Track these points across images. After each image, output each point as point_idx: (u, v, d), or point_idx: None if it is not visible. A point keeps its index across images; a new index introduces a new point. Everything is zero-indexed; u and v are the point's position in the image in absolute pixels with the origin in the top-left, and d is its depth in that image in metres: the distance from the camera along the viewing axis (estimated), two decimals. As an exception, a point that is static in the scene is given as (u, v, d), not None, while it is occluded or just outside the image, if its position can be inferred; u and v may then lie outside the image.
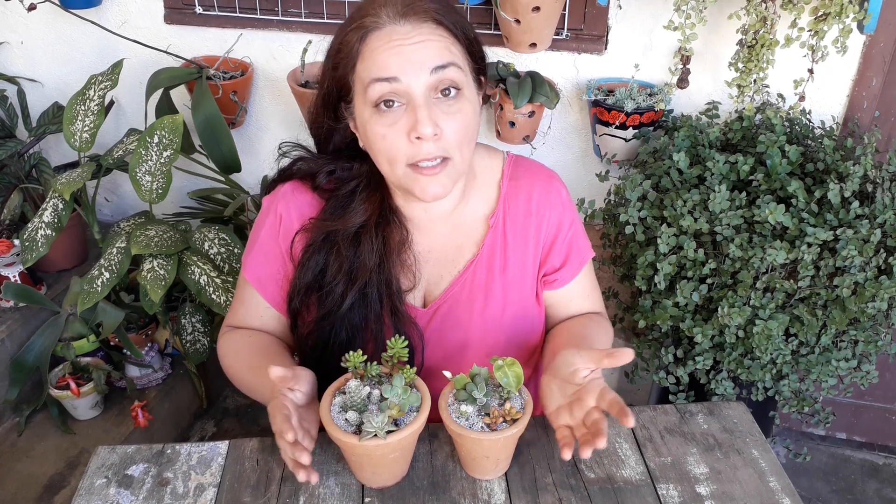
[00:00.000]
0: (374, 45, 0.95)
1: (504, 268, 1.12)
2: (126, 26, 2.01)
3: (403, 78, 0.93)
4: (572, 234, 1.15)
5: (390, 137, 0.96)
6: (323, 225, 1.07)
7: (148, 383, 2.04)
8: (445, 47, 0.96)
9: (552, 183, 1.14)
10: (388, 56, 0.94)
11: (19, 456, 1.85)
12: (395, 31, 0.94)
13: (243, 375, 1.09)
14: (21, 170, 2.08)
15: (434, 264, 1.12)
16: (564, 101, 1.86)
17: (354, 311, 1.06)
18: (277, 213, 1.10)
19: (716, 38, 1.69)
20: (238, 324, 1.16)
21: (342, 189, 1.09)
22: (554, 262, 1.14)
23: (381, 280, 1.06)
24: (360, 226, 1.06)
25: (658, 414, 1.10)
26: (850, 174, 1.44)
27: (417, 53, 0.94)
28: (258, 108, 2.07)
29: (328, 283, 1.06)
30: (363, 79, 0.96)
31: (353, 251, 1.06)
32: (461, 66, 0.97)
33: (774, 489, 0.97)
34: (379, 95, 0.94)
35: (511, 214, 1.12)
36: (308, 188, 1.11)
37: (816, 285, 1.40)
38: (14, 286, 1.84)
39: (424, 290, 1.12)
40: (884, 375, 1.84)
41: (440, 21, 0.96)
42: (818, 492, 2.09)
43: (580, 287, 1.18)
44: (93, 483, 0.98)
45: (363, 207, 1.07)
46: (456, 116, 0.96)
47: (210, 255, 1.77)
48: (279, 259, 1.10)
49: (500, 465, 0.97)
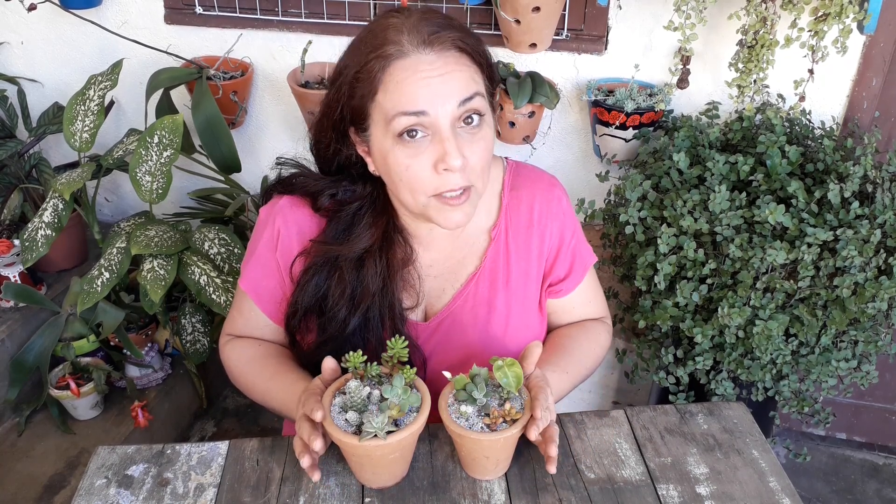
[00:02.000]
0: (399, 77, 0.91)
1: (507, 280, 1.11)
2: (126, 26, 2.01)
3: (431, 111, 0.91)
4: (575, 243, 1.15)
5: (414, 168, 0.93)
6: (325, 249, 1.05)
7: (148, 383, 2.04)
8: (470, 77, 0.94)
9: (553, 191, 1.13)
10: (414, 88, 0.91)
11: (19, 456, 1.84)
12: (420, 62, 0.91)
13: (259, 383, 1.09)
14: (21, 170, 2.08)
15: (436, 278, 1.11)
16: (564, 102, 1.86)
17: (356, 335, 1.05)
18: (275, 227, 1.08)
19: (716, 38, 1.69)
20: (238, 333, 1.16)
21: (344, 210, 1.06)
22: (559, 272, 1.14)
23: (385, 303, 1.04)
24: (365, 250, 1.04)
25: (658, 414, 1.10)
26: (850, 174, 1.44)
27: (445, 86, 0.91)
28: (258, 108, 2.07)
29: (330, 309, 1.04)
30: (386, 110, 0.93)
31: (355, 275, 1.04)
32: (484, 94, 0.96)
33: (774, 489, 0.97)
34: (404, 127, 0.92)
35: (513, 226, 1.11)
36: (307, 205, 1.08)
37: (816, 285, 1.40)
38: (14, 286, 1.84)
39: (426, 305, 1.12)
40: (884, 375, 1.84)
41: (463, 49, 0.94)
42: (818, 492, 2.09)
43: (584, 293, 1.18)
44: (93, 483, 0.98)
45: (369, 233, 1.05)
46: (480, 144, 0.95)
47: (210, 255, 1.77)
48: (277, 275, 1.10)
49: (500, 465, 0.97)
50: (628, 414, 1.09)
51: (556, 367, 1.08)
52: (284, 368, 1.08)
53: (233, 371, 1.14)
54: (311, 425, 0.91)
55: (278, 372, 1.08)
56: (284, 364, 1.09)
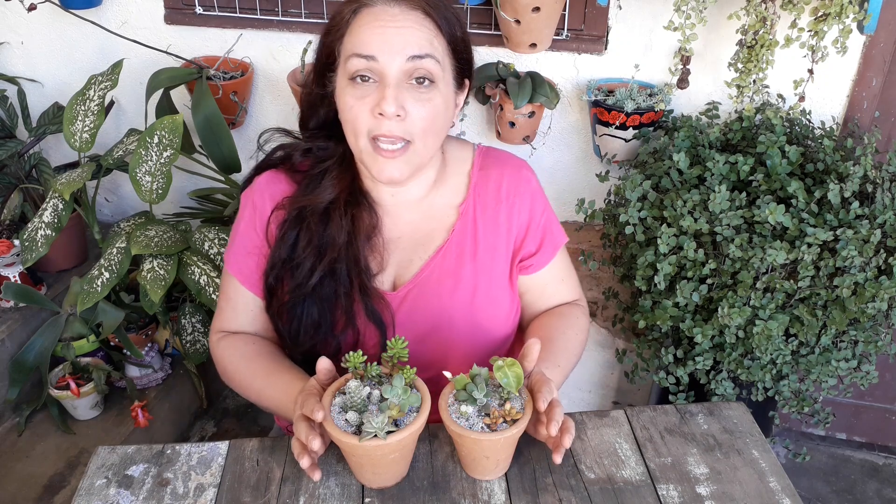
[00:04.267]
0: (362, 22, 0.99)
1: (474, 253, 1.14)
2: (126, 26, 2.01)
3: (380, 58, 0.97)
4: (545, 220, 1.18)
5: (356, 109, 0.99)
6: (294, 201, 1.10)
7: (148, 383, 2.04)
8: (427, 39, 0.99)
9: (521, 171, 1.18)
10: (370, 34, 0.98)
11: (19, 456, 1.84)
12: (384, 12, 0.99)
13: (253, 383, 1.10)
14: (21, 170, 2.08)
15: (404, 250, 1.14)
16: (564, 102, 1.86)
17: (324, 287, 1.08)
18: (253, 204, 1.13)
19: (716, 38, 1.69)
20: (228, 327, 1.16)
21: (316, 168, 1.12)
22: (529, 247, 1.17)
23: (350, 257, 1.08)
24: (330, 202, 1.09)
25: (658, 414, 1.10)
26: (850, 174, 1.44)
27: (399, 37, 0.97)
28: (258, 108, 2.07)
29: (298, 256, 1.09)
30: (346, 50, 1.00)
31: (322, 227, 1.09)
32: (439, 61, 1.00)
33: (774, 489, 0.97)
34: (355, 70, 0.99)
35: (481, 202, 1.15)
36: (283, 176, 1.14)
37: (816, 285, 1.40)
38: (14, 286, 1.84)
39: (395, 275, 1.14)
40: (884, 375, 1.85)
41: (429, 13, 1.00)
42: (818, 492, 2.09)
43: (555, 271, 1.21)
44: (93, 483, 0.98)
45: (332, 184, 1.10)
46: (425, 104, 1.00)
47: (210, 255, 1.77)
48: (259, 249, 1.13)
49: (500, 465, 0.97)
50: (628, 414, 1.09)
51: (549, 363, 1.09)
52: (279, 368, 1.09)
53: (226, 369, 1.14)
54: (309, 425, 0.91)
55: (273, 371, 1.08)
56: (278, 363, 1.10)
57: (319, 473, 0.94)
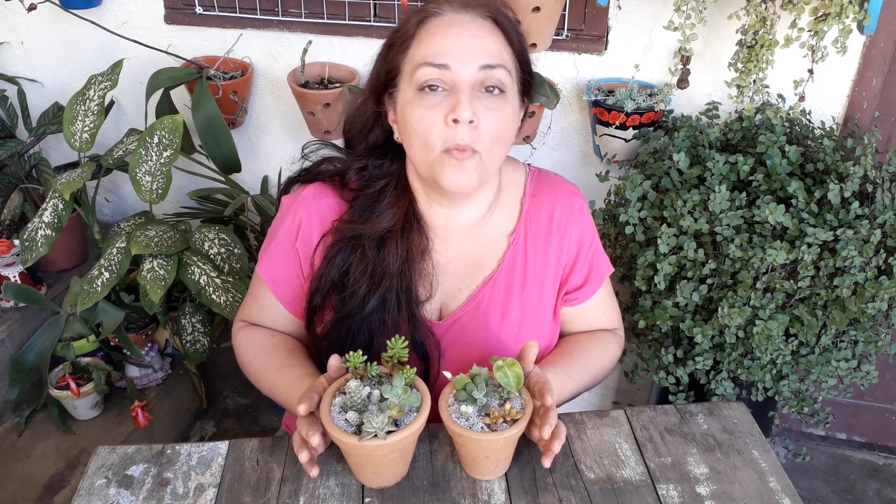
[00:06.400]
0: (432, 30, 0.97)
1: (523, 286, 1.11)
2: (126, 26, 2.01)
3: (453, 66, 0.95)
4: (593, 252, 1.15)
5: (428, 119, 0.96)
6: (349, 228, 1.06)
7: (148, 383, 2.04)
8: (498, 49, 0.97)
9: (573, 200, 1.14)
10: (443, 41, 0.95)
11: (19, 456, 1.84)
12: (455, 20, 0.97)
13: (267, 375, 1.10)
14: (21, 170, 2.08)
15: (452, 276, 1.11)
16: (564, 102, 1.86)
17: (374, 316, 1.05)
18: (297, 217, 1.10)
19: (716, 38, 1.69)
20: (252, 320, 1.16)
21: (369, 188, 1.08)
22: (576, 280, 1.14)
23: (402, 286, 1.05)
24: (387, 230, 1.06)
25: (658, 414, 1.10)
26: (850, 174, 1.44)
27: (472, 46, 0.95)
28: (258, 108, 2.07)
29: (351, 285, 1.05)
30: (415, 60, 0.97)
31: (377, 254, 1.05)
32: (509, 71, 0.99)
33: (774, 489, 0.97)
34: (426, 80, 0.96)
35: (532, 232, 1.12)
36: (332, 192, 1.10)
37: (816, 285, 1.40)
38: (14, 286, 1.84)
39: (441, 303, 1.12)
40: (884, 375, 1.85)
41: (499, 23, 0.98)
42: (818, 492, 2.09)
43: (599, 303, 1.19)
44: (93, 483, 0.98)
45: (391, 212, 1.06)
46: (495, 114, 0.97)
47: (210, 255, 1.77)
48: (295, 264, 1.10)
49: (500, 465, 0.97)
50: (628, 414, 1.09)
51: (558, 370, 1.09)
52: (293, 362, 1.08)
53: (243, 359, 1.14)
54: (310, 420, 0.91)
55: (286, 365, 1.08)
56: (294, 358, 1.09)
57: (317, 470, 0.94)
